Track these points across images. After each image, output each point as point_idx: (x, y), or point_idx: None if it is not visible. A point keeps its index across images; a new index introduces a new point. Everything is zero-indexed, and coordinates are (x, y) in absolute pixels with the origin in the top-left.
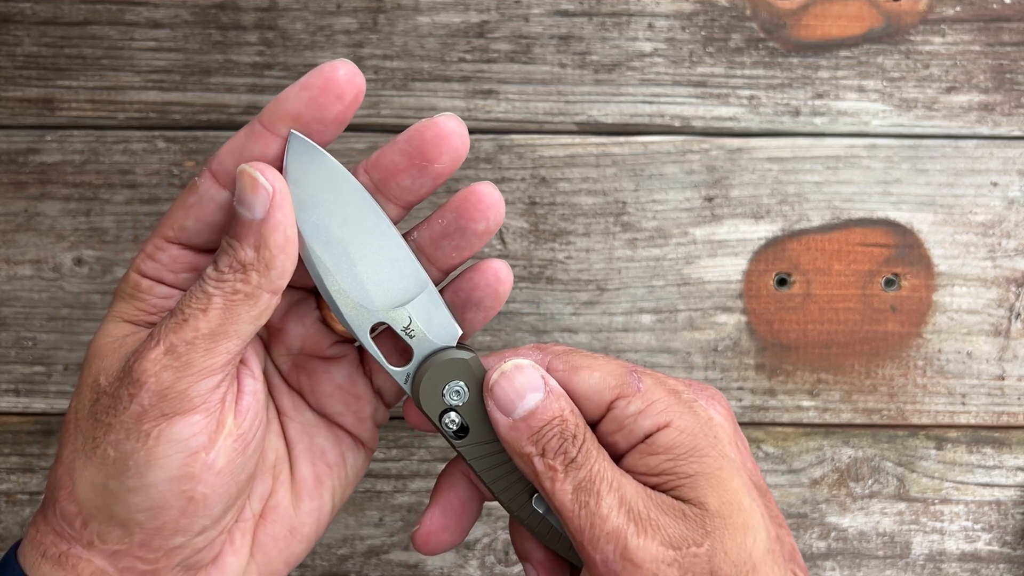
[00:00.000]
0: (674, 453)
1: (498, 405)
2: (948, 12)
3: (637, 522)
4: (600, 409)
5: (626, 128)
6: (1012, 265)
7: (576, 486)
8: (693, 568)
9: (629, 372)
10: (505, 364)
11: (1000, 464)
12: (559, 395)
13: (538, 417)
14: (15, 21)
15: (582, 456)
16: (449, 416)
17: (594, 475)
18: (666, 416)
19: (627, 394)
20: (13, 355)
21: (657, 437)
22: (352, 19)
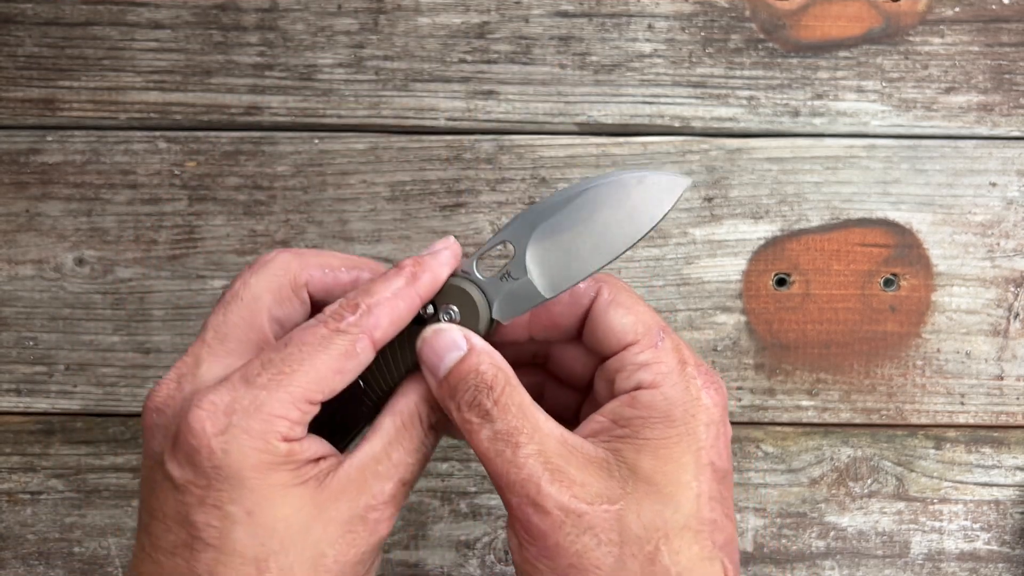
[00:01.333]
0: (647, 413)
1: (427, 369)
2: (947, 13)
3: (553, 472)
4: (617, 346)
5: (626, 128)
6: (1011, 265)
7: (493, 435)
8: (601, 524)
9: (658, 328)
10: (428, 329)
11: (999, 464)
12: (480, 351)
13: (455, 374)
14: (16, 22)
15: (498, 409)
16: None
17: (511, 427)
18: (660, 379)
19: (643, 345)
20: (14, 355)
21: (642, 394)
22: (353, 20)
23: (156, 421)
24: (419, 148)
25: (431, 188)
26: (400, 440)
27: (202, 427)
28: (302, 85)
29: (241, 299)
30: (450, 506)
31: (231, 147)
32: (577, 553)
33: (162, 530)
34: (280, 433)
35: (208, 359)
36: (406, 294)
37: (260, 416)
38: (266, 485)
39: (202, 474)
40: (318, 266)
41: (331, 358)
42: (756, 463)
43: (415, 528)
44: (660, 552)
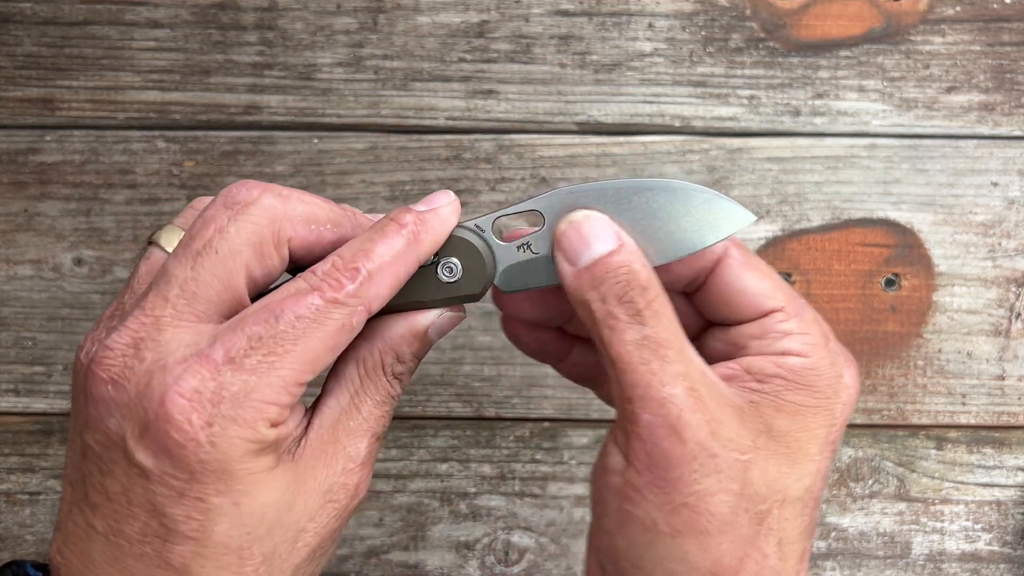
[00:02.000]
0: (792, 377)
1: (564, 253)
2: (948, 12)
3: (696, 400)
4: (755, 311)
5: (626, 128)
6: (1012, 265)
7: (640, 339)
8: (728, 470)
9: (799, 297)
10: (575, 214)
11: (1000, 464)
12: (633, 250)
13: (602, 264)
14: (15, 21)
15: (650, 312)
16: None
17: (662, 338)
18: (809, 350)
19: (789, 313)
20: (13, 355)
21: (790, 359)
22: (352, 19)
23: (111, 395)
24: (419, 148)
25: (431, 188)
26: (367, 389)
27: (187, 419)
28: (301, 84)
29: (216, 252)
30: (450, 507)
31: (230, 147)
32: (696, 493)
33: (124, 516)
34: (270, 420)
35: (173, 324)
36: (406, 258)
37: (249, 404)
38: (253, 473)
39: (183, 468)
40: (304, 220)
41: (326, 335)
42: None
43: (415, 529)
44: (771, 515)
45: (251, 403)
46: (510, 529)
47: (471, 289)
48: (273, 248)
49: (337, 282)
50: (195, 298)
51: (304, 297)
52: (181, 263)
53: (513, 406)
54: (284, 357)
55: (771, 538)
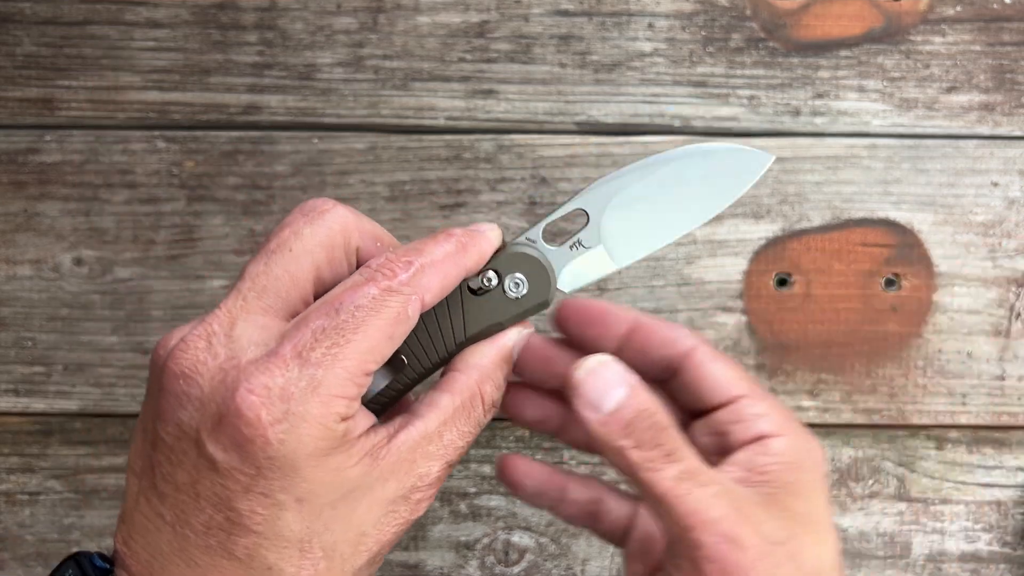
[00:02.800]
0: (782, 460)
1: (587, 402)
2: (948, 12)
3: (738, 511)
4: (726, 397)
5: (626, 128)
6: (1012, 265)
7: (679, 475)
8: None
9: (758, 383)
10: (589, 361)
11: (1000, 464)
12: (643, 388)
13: (628, 409)
14: (15, 21)
15: (678, 450)
16: (508, 280)
17: (694, 467)
18: (783, 428)
19: (756, 398)
20: (13, 355)
21: (772, 442)
22: (352, 19)
23: (185, 389)
24: (418, 147)
25: (431, 188)
26: (456, 421)
27: (257, 416)
28: (301, 84)
29: (290, 250)
30: (450, 507)
31: (230, 146)
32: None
33: (192, 508)
34: (339, 414)
35: (243, 317)
36: (456, 260)
37: (318, 399)
38: (321, 471)
39: (252, 463)
40: (371, 235)
41: (385, 322)
42: None
43: (415, 529)
44: None
45: (319, 397)
46: (510, 529)
47: (540, 298)
48: (343, 253)
49: (392, 271)
50: (265, 291)
51: (361, 288)
52: (256, 261)
53: None
54: (346, 348)
55: None
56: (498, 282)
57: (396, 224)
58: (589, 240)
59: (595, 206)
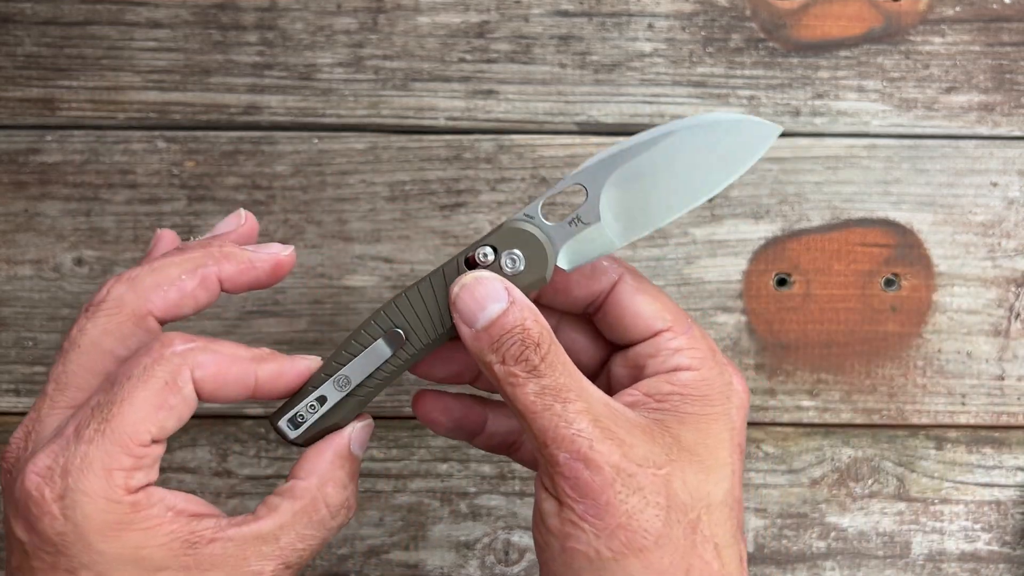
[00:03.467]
0: (687, 391)
1: (461, 316)
2: (948, 12)
3: (603, 430)
4: (647, 331)
5: (626, 128)
6: (1012, 265)
7: (540, 390)
8: (649, 486)
9: (686, 316)
10: (466, 277)
11: (1000, 464)
12: (523, 306)
13: (498, 326)
14: (15, 21)
15: (545, 365)
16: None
17: (560, 384)
18: (698, 363)
19: (677, 331)
20: (13, 355)
21: (681, 373)
22: (352, 19)
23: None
24: (419, 148)
25: (431, 188)
26: (295, 525)
27: (41, 494)
28: (301, 85)
29: (79, 346)
30: (450, 507)
31: (230, 147)
32: (627, 513)
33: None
34: (120, 487)
35: (49, 413)
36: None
37: (93, 473)
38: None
39: (48, 541)
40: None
41: (152, 393)
42: (757, 463)
43: (415, 529)
44: (702, 522)
45: (94, 472)
46: (510, 529)
47: (537, 274)
48: (133, 326)
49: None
50: (66, 387)
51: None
52: (56, 363)
53: None
54: (112, 421)
55: (708, 545)
56: (495, 258)
57: (396, 224)
58: (588, 216)
59: (594, 181)
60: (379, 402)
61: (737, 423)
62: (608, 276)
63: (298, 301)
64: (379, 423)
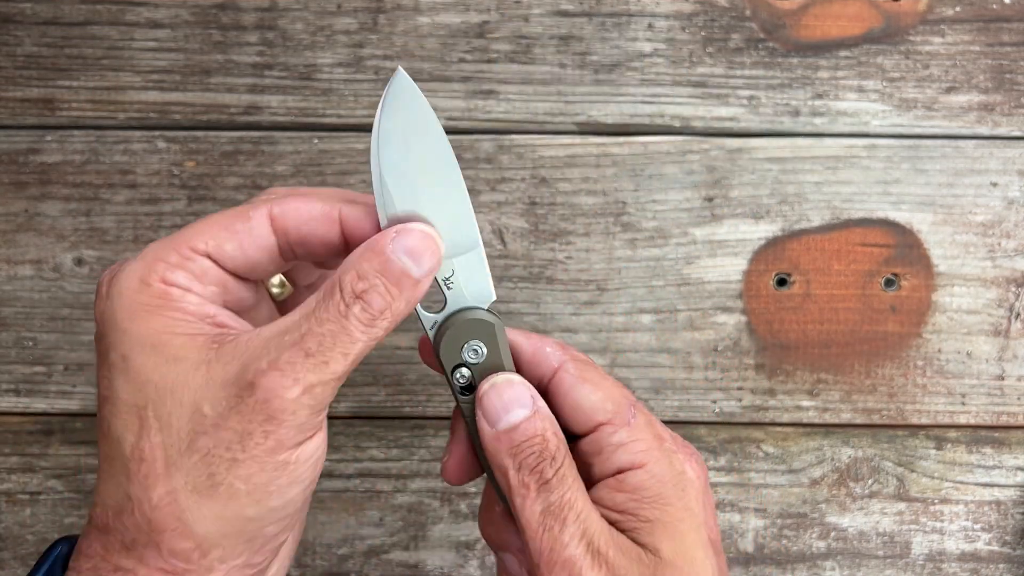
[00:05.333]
0: (640, 495)
1: (484, 414)
2: (948, 12)
3: (594, 556)
4: (587, 426)
5: (626, 128)
6: (1012, 265)
7: (544, 508)
8: None
9: (628, 404)
10: (497, 376)
11: (1000, 464)
12: (545, 416)
13: (521, 432)
14: (15, 21)
15: (556, 480)
16: (461, 371)
17: (564, 501)
18: (643, 457)
19: (617, 424)
20: (14, 355)
21: (628, 476)
22: (352, 19)
23: None
24: None
25: None
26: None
27: (103, 280)
28: (301, 85)
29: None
30: (450, 507)
31: (230, 147)
32: None
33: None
34: (158, 274)
35: None
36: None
37: (143, 260)
38: (140, 328)
39: (97, 324)
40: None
41: (223, 216)
42: (757, 463)
43: (415, 529)
44: None
45: (144, 260)
46: None
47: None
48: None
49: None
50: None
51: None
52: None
53: None
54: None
55: None
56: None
57: None
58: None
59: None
60: (379, 402)
61: (700, 515)
62: (548, 363)
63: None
64: (379, 423)
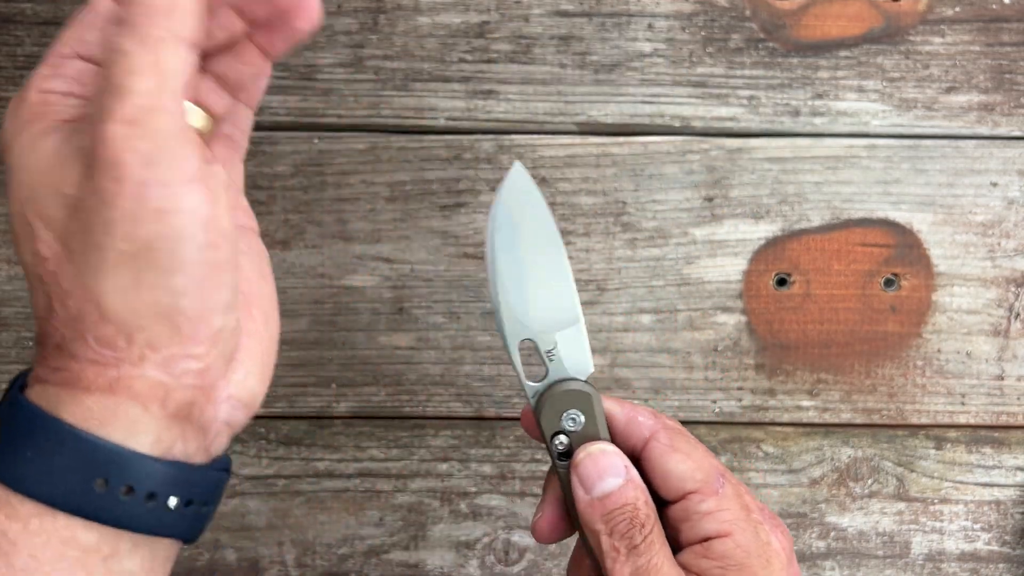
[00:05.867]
0: (725, 562)
1: (580, 481)
2: (948, 12)
3: None
4: (677, 494)
5: (626, 128)
6: (1011, 265)
7: (633, 571)
8: None
9: (718, 474)
10: (593, 446)
11: (999, 464)
12: (637, 485)
13: (614, 499)
14: (16, 21)
15: (645, 545)
16: (559, 438)
17: (651, 565)
18: (730, 527)
19: (706, 493)
20: (14, 355)
21: (715, 543)
22: (352, 19)
23: None
24: (419, 148)
25: (431, 188)
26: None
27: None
28: (302, 85)
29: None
30: (450, 506)
31: None
32: None
33: None
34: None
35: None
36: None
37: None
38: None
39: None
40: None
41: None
42: (756, 463)
43: (415, 528)
44: None
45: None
46: (510, 528)
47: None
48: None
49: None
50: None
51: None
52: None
53: (513, 406)
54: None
55: None
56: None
57: (396, 224)
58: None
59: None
60: (379, 402)
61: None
62: (641, 432)
63: (298, 301)
64: (379, 423)
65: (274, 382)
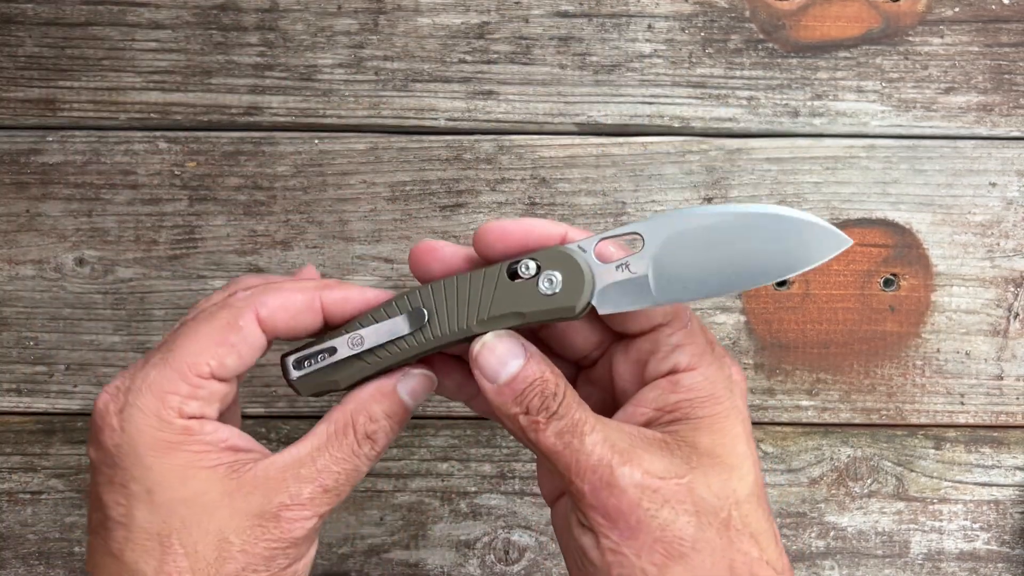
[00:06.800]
0: (693, 395)
1: (483, 374)
2: (947, 13)
3: (621, 454)
4: (645, 326)
5: (626, 129)
6: (1010, 265)
7: (558, 431)
8: (675, 496)
9: (685, 309)
10: (486, 336)
11: (998, 464)
12: (539, 359)
13: (520, 379)
14: (17, 22)
15: (563, 408)
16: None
17: (575, 420)
18: (697, 360)
19: (675, 327)
20: (15, 355)
21: (683, 377)
22: (353, 20)
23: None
24: (419, 148)
25: (431, 188)
26: (329, 447)
27: (105, 408)
28: (302, 85)
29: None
30: (450, 506)
31: (231, 147)
32: (660, 526)
33: (90, 511)
34: (174, 409)
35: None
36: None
37: (152, 393)
38: (165, 465)
39: (107, 453)
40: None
41: (213, 330)
42: None
43: (415, 528)
44: (733, 518)
45: (153, 392)
46: (510, 528)
47: (568, 302)
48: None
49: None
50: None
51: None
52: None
53: None
54: (175, 351)
55: (743, 536)
56: (534, 274)
57: (396, 225)
58: (637, 267)
59: (653, 235)
60: None
61: (744, 412)
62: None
63: None
64: None
65: (274, 382)
